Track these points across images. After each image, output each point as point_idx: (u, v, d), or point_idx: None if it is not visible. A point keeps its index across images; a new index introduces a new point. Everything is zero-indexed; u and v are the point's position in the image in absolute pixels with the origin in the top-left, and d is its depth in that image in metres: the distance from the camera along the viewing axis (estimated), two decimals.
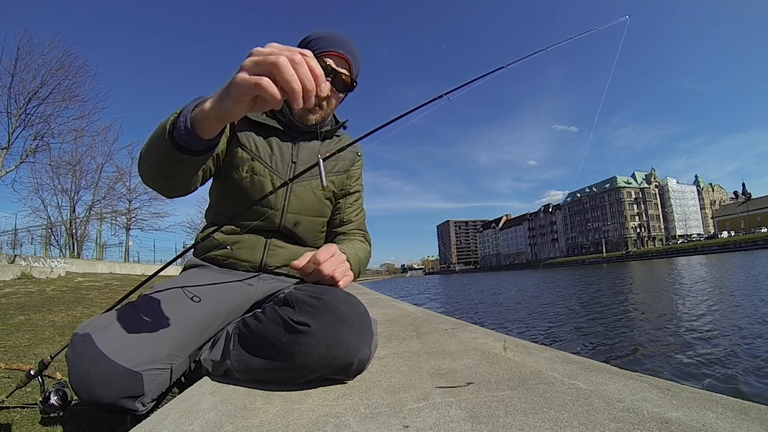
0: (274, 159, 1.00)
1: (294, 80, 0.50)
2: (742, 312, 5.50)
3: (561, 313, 7.32)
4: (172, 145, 0.66)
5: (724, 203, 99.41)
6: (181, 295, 0.86)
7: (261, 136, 1.01)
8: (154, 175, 0.76)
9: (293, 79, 0.50)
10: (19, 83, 11.16)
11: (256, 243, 1.01)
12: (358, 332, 0.73)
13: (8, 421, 1.28)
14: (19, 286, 6.08)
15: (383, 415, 0.58)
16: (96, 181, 14.83)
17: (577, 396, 0.61)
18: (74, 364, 0.70)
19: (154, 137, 0.71)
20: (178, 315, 0.81)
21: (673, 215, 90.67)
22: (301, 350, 0.69)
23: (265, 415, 0.61)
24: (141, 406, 0.73)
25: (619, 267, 35.60)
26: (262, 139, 1.01)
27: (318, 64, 0.53)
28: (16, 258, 8.83)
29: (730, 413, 0.52)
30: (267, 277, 1.03)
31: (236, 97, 0.54)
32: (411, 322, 1.65)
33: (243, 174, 0.97)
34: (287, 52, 0.51)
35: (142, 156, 0.76)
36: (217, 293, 0.92)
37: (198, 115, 0.62)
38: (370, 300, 3.56)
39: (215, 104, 0.58)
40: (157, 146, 0.69)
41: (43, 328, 3.13)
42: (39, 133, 11.65)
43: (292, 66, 0.50)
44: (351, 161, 1.14)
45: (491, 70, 0.99)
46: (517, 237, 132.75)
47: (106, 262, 12.78)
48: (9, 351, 2.36)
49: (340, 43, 0.95)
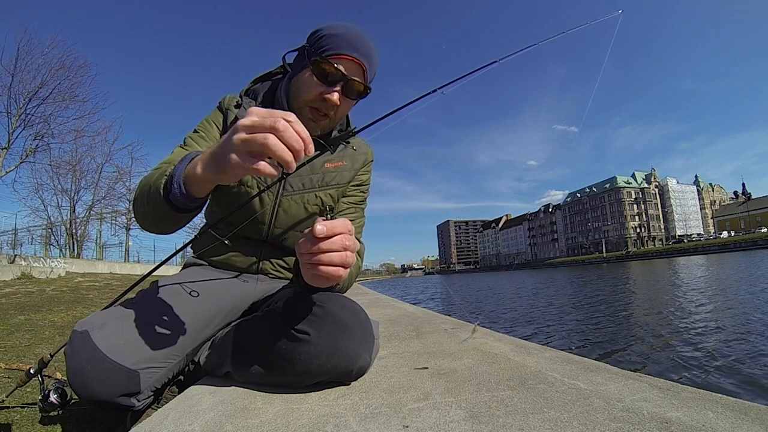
0: None
1: (284, 153, 0.50)
2: (742, 312, 5.50)
3: (560, 313, 7.32)
4: (168, 206, 0.67)
5: (724, 203, 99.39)
6: (179, 293, 0.86)
7: None
8: (150, 225, 0.78)
9: (284, 153, 0.50)
10: (19, 83, 11.17)
11: (251, 250, 0.99)
12: (359, 340, 0.73)
13: (8, 421, 1.28)
14: (19, 286, 6.08)
15: (383, 415, 0.58)
16: (96, 181, 14.84)
17: (577, 396, 0.61)
18: (72, 361, 0.70)
19: (148, 194, 0.71)
20: (176, 313, 0.81)
21: (673, 215, 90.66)
22: (301, 358, 0.69)
23: (265, 415, 0.61)
24: (137, 402, 0.74)
25: (619, 267, 35.60)
26: None
27: (303, 127, 0.52)
28: (16, 258, 8.83)
29: (730, 413, 0.52)
30: (265, 278, 1.03)
31: (232, 174, 0.54)
32: (411, 322, 1.65)
33: (231, 184, 0.93)
34: (270, 120, 0.50)
35: (137, 205, 0.78)
36: (216, 292, 0.91)
37: (191, 179, 0.62)
38: (369, 300, 3.56)
39: (209, 173, 0.58)
40: (154, 205, 0.70)
41: (43, 328, 3.13)
42: (39, 133, 11.65)
43: (279, 136, 0.50)
44: (356, 170, 1.04)
45: (484, 64, 1.00)
46: (517, 237, 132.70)
47: (106, 262, 12.78)
48: (9, 351, 2.35)
49: (355, 45, 0.83)
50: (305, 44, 0.87)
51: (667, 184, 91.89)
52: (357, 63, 0.84)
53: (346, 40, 0.83)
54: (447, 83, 0.95)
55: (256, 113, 0.52)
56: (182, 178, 0.63)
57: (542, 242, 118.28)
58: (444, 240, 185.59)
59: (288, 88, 0.91)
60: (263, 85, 1.00)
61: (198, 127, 0.97)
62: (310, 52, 0.84)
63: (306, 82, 0.85)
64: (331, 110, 0.88)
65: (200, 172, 0.59)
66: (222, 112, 0.98)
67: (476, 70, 0.99)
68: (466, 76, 0.97)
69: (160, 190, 0.66)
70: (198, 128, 0.97)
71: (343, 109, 0.90)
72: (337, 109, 0.88)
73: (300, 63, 0.88)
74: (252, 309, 0.98)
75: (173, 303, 0.83)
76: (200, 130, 0.96)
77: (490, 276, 44.25)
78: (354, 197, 1.07)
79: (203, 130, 0.96)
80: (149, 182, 0.72)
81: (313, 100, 0.86)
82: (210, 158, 0.58)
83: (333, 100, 0.84)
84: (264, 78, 1.01)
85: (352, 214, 1.06)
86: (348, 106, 0.92)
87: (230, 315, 0.92)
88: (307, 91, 0.86)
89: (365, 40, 0.85)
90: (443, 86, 0.93)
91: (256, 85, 1.00)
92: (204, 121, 0.98)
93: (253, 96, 0.98)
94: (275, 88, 0.98)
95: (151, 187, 0.69)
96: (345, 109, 0.92)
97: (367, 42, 0.85)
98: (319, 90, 0.84)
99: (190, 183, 0.63)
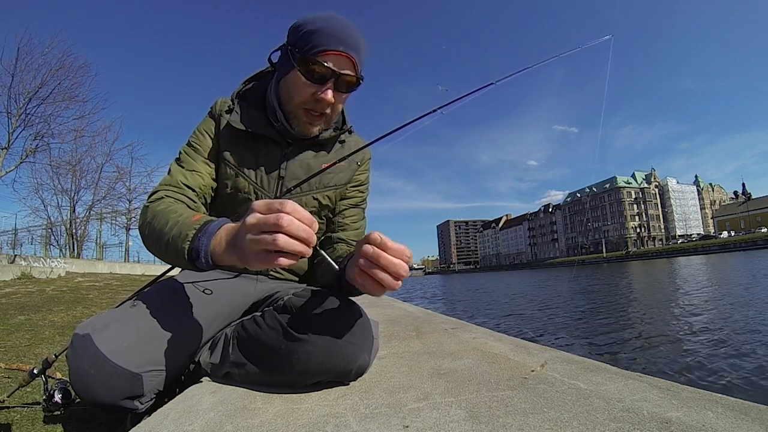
0: (260, 173, 0.93)
1: (296, 247, 0.53)
2: (742, 312, 5.50)
3: (560, 313, 7.32)
4: (192, 266, 0.68)
5: (724, 203, 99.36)
6: (181, 295, 0.86)
7: (248, 147, 0.93)
8: (163, 260, 0.79)
9: (296, 247, 0.53)
10: (19, 83, 11.17)
11: None
12: (358, 340, 0.73)
13: (8, 421, 1.28)
14: (19, 286, 6.08)
15: (383, 415, 0.58)
16: (96, 181, 14.82)
17: (577, 396, 0.61)
18: (74, 365, 0.70)
19: (166, 246, 0.71)
20: (177, 315, 0.81)
21: (673, 215, 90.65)
22: (300, 358, 0.69)
23: (265, 415, 0.61)
24: (140, 404, 0.73)
25: (619, 267, 35.59)
26: (249, 151, 0.93)
27: (304, 212, 0.54)
28: (16, 258, 8.82)
29: (730, 413, 0.52)
30: (265, 278, 1.02)
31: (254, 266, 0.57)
32: (411, 322, 1.65)
33: (228, 190, 0.94)
34: (273, 218, 0.52)
35: (145, 237, 0.79)
36: (217, 293, 0.91)
37: (216, 257, 0.64)
38: (369, 300, 3.55)
39: (236, 261, 0.60)
40: (173, 259, 0.72)
41: (43, 328, 3.13)
42: (39, 133, 11.65)
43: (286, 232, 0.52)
44: (354, 171, 1.02)
45: (481, 86, 1.07)
46: (517, 237, 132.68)
47: (106, 262, 12.75)
48: (9, 351, 2.35)
49: (340, 37, 0.80)
50: (287, 42, 0.85)
51: (667, 184, 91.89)
52: (345, 56, 0.81)
53: (330, 34, 0.79)
54: (446, 104, 1.00)
55: (257, 209, 0.54)
56: (210, 256, 0.64)
57: (542, 242, 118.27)
58: (444, 240, 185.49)
59: (277, 90, 0.90)
60: (255, 87, 0.98)
61: (191, 139, 0.96)
62: (294, 52, 0.82)
63: (296, 83, 0.84)
64: (326, 109, 0.86)
65: (227, 257, 0.62)
66: (214, 119, 0.96)
67: (474, 92, 1.04)
68: (464, 98, 1.03)
69: (184, 255, 0.67)
70: (191, 140, 0.96)
71: (338, 104, 0.89)
72: (332, 107, 0.87)
73: (286, 63, 0.86)
74: (252, 309, 0.97)
75: (174, 305, 0.83)
76: (194, 143, 0.95)
77: (490, 276, 44.25)
78: (354, 198, 1.06)
79: (197, 143, 0.95)
80: (164, 230, 0.72)
81: (306, 102, 0.85)
82: (232, 248, 0.60)
83: (327, 98, 0.83)
84: (255, 78, 1.00)
85: (353, 216, 1.05)
86: (342, 100, 0.90)
87: (231, 316, 0.92)
88: (298, 94, 0.84)
89: (350, 29, 0.82)
90: (443, 107, 0.98)
91: (247, 86, 0.98)
92: (196, 131, 0.97)
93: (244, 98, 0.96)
94: (266, 88, 0.96)
95: (169, 244, 0.70)
96: (339, 104, 0.90)
97: (351, 31, 0.82)
98: (310, 91, 0.83)
99: (216, 259, 0.64)
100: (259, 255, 0.54)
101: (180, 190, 0.88)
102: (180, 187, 0.88)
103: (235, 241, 0.59)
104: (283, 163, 0.94)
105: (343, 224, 1.03)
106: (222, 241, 0.63)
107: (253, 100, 0.96)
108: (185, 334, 0.80)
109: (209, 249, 0.64)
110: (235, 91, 0.97)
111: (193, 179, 0.90)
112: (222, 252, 0.62)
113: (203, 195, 0.93)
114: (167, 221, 0.73)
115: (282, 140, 0.94)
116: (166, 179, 0.90)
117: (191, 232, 0.67)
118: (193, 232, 0.67)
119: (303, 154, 0.96)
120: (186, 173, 0.90)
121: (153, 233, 0.76)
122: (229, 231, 0.62)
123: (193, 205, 0.88)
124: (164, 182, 0.89)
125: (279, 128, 0.92)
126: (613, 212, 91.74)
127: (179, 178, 0.89)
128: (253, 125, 0.92)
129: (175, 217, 0.73)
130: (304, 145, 0.96)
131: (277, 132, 0.93)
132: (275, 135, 0.93)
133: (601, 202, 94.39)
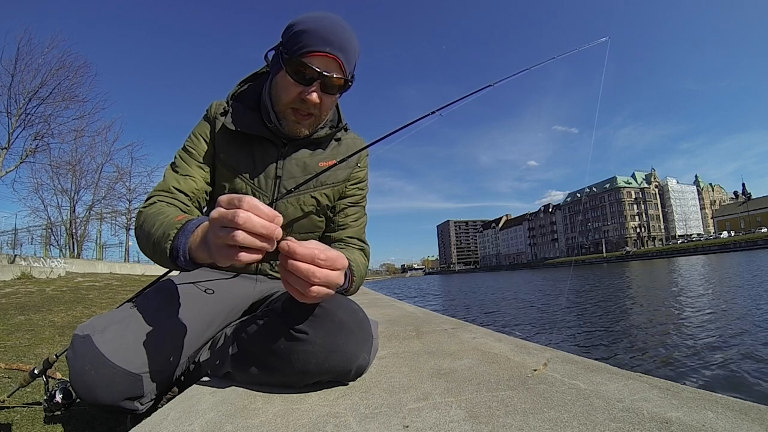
0: (256, 174, 0.93)
1: (255, 243, 0.52)
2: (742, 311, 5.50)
3: (560, 313, 7.32)
4: (175, 266, 0.69)
5: (724, 203, 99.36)
6: (181, 295, 0.86)
7: (243, 148, 0.93)
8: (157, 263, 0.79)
9: (254, 243, 0.52)
10: (19, 83, 11.15)
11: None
12: (357, 339, 0.73)
13: (8, 421, 1.28)
14: (19, 286, 6.08)
15: (383, 415, 0.58)
16: (96, 181, 14.83)
17: (577, 396, 0.61)
18: (75, 366, 0.70)
19: (153, 247, 0.72)
20: (177, 315, 0.81)
21: (673, 215, 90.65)
22: (299, 357, 0.69)
23: (265, 415, 0.61)
24: (140, 405, 0.74)
25: (619, 267, 35.61)
26: (244, 152, 0.93)
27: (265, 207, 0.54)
28: (16, 258, 8.82)
29: (730, 413, 0.52)
30: (264, 278, 1.02)
31: (224, 265, 0.57)
32: (411, 322, 1.65)
33: (226, 192, 0.93)
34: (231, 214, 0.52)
35: (139, 239, 0.80)
36: (217, 293, 0.91)
37: (193, 253, 0.65)
38: (369, 300, 3.56)
39: (207, 257, 0.61)
40: (160, 259, 0.72)
41: (43, 328, 3.13)
42: (39, 133, 11.64)
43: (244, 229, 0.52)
44: (352, 168, 1.02)
45: (479, 88, 1.08)
46: (517, 237, 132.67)
47: (106, 262, 12.75)
48: (9, 351, 2.35)
49: (327, 39, 0.79)
50: (280, 42, 0.85)
51: (667, 184, 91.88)
52: (332, 57, 0.80)
53: (318, 35, 0.78)
54: (444, 106, 1.01)
55: (220, 203, 0.55)
56: (188, 252, 0.65)
57: (542, 242, 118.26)
58: (444, 240, 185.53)
59: (270, 90, 0.91)
60: (250, 88, 0.98)
61: (186, 143, 0.96)
62: (283, 52, 0.83)
63: (283, 83, 0.84)
64: (312, 109, 0.86)
65: (200, 253, 0.62)
66: (209, 122, 0.96)
67: (471, 94, 1.05)
68: (462, 100, 1.04)
69: (165, 254, 0.68)
70: (186, 145, 0.96)
71: (327, 105, 0.88)
72: (319, 107, 0.86)
73: (276, 63, 0.87)
74: (251, 309, 0.98)
75: (174, 305, 0.83)
76: (189, 147, 0.95)
77: (490, 276, 44.27)
78: (354, 196, 1.05)
79: (192, 147, 0.95)
80: (151, 231, 0.73)
81: (293, 102, 0.85)
82: (204, 243, 0.60)
83: (312, 99, 0.83)
84: (251, 78, 1.00)
85: (354, 214, 1.04)
86: (331, 101, 0.89)
87: (231, 316, 0.92)
88: (285, 94, 0.85)
89: (339, 31, 0.80)
90: (441, 108, 0.99)
91: (243, 87, 0.98)
92: (192, 135, 0.97)
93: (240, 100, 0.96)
94: (261, 89, 0.96)
95: (156, 245, 0.71)
96: (328, 105, 0.89)
97: (340, 33, 0.80)
98: (296, 91, 0.83)
99: (193, 256, 0.64)
100: (221, 250, 0.54)
101: (172, 195, 0.88)
102: (172, 192, 0.88)
103: (206, 237, 0.59)
104: (279, 162, 0.94)
105: (344, 224, 1.03)
106: (198, 237, 0.63)
107: (248, 101, 0.96)
108: (185, 334, 0.80)
109: (187, 246, 0.65)
110: (230, 93, 0.97)
111: (186, 184, 0.91)
112: (199, 253, 0.62)
113: (197, 199, 0.93)
114: (155, 223, 0.73)
115: (277, 140, 0.94)
116: (160, 185, 0.90)
117: (173, 231, 0.67)
118: (174, 231, 0.67)
119: (299, 152, 0.96)
120: (179, 178, 0.91)
121: (143, 236, 0.76)
122: (204, 228, 0.62)
123: (186, 209, 0.88)
124: (158, 188, 0.90)
125: (273, 128, 0.92)
126: (613, 212, 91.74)
127: (172, 184, 0.90)
128: (248, 126, 0.92)
129: (162, 218, 0.73)
130: (299, 144, 0.96)
131: (272, 132, 0.93)
132: (270, 135, 0.93)
133: (601, 202, 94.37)
